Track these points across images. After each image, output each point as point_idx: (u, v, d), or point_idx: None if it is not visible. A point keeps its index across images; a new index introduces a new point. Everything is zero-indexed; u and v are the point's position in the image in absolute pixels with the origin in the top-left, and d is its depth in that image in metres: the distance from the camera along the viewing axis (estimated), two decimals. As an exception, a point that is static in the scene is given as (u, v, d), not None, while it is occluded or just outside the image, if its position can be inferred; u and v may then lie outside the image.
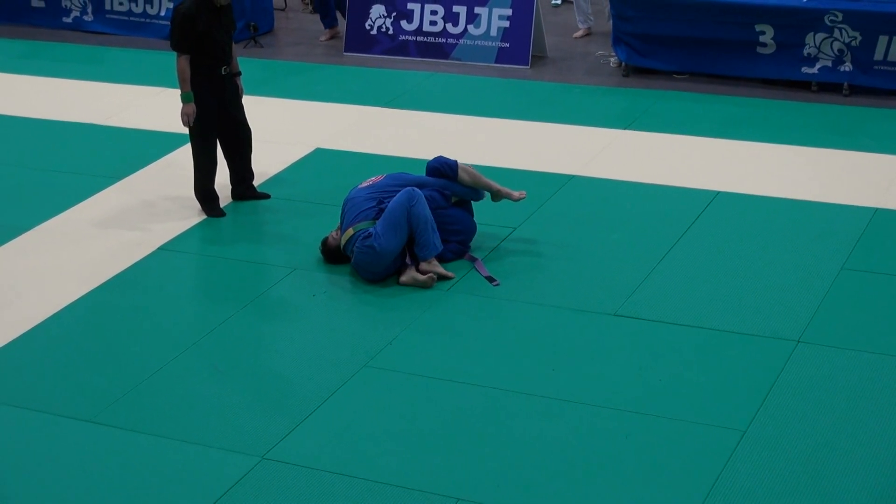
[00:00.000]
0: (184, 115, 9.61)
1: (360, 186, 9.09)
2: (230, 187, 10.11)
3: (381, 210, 8.79)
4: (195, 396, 7.57)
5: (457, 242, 9.02)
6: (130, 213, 9.97)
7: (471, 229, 9.13)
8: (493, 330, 8.17)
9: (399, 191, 8.82)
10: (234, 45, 9.83)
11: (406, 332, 8.13)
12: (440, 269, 8.71)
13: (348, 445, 7.04)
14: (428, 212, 8.72)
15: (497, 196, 9.23)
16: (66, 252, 9.40)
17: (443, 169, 9.08)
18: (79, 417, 7.39)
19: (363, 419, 7.27)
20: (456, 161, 9.13)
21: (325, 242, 9.07)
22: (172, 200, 10.16)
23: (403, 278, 8.66)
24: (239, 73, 9.87)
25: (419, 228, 8.68)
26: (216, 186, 9.94)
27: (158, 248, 9.38)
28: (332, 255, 9.02)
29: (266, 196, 10.10)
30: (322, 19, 14.35)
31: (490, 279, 8.68)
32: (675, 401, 7.28)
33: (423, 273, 8.66)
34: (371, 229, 8.70)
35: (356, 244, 8.71)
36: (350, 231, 8.79)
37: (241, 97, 9.87)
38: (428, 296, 8.53)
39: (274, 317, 8.52)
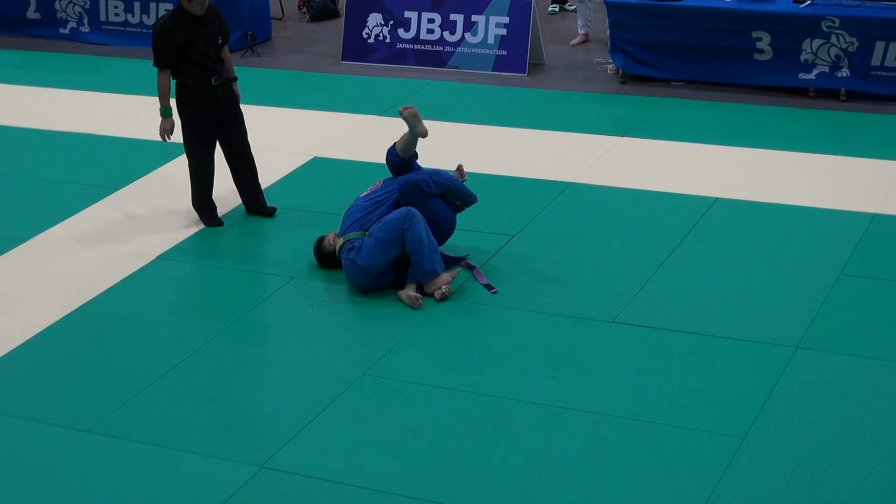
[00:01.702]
0: (161, 130, 9.60)
1: (361, 195, 9.08)
2: (238, 197, 10.04)
3: (370, 219, 8.77)
4: (194, 406, 7.56)
5: (439, 231, 8.92)
6: (128, 224, 9.97)
7: (451, 220, 9.00)
8: (492, 338, 8.16)
9: (392, 193, 8.85)
10: (228, 52, 9.79)
11: (404, 341, 8.12)
12: (442, 284, 8.57)
13: (347, 454, 7.03)
14: (424, 233, 8.60)
15: (410, 137, 9.00)
16: (63, 262, 9.39)
17: (392, 167, 9.14)
18: (77, 427, 7.37)
19: (362, 428, 7.26)
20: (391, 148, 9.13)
21: (319, 243, 9.03)
22: (170, 210, 10.15)
23: (399, 293, 8.62)
24: (235, 79, 9.84)
25: (414, 252, 8.58)
26: (215, 196, 9.91)
27: (156, 258, 9.37)
28: (325, 258, 8.99)
29: (273, 211, 9.99)
30: None
31: (488, 287, 8.66)
32: (674, 407, 7.27)
33: (427, 293, 8.60)
34: (357, 242, 8.67)
35: (343, 255, 8.71)
36: (341, 240, 8.80)
37: (237, 104, 9.80)
38: (426, 304, 8.52)
39: (272, 325, 8.52)
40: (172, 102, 9.66)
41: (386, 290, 8.72)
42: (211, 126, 9.64)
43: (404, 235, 8.58)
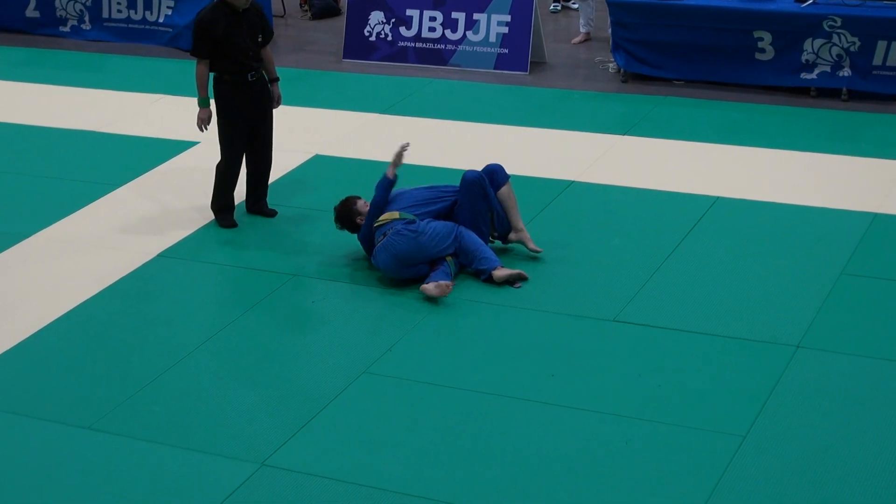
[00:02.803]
0: (199, 120, 9.59)
1: (416, 187, 9.08)
2: (245, 195, 10.02)
3: (423, 211, 8.83)
4: (194, 403, 7.56)
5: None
6: (129, 221, 9.97)
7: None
8: (492, 336, 8.16)
9: (453, 194, 8.94)
10: (270, 53, 9.78)
11: (405, 339, 8.13)
12: (513, 270, 8.68)
13: (348, 452, 7.03)
14: (474, 235, 8.77)
15: (517, 234, 9.04)
16: (65, 259, 9.39)
17: (494, 174, 9.03)
18: (78, 424, 7.38)
19: (363, 426, 7.26)
20: (507, 176, 9.06)
21: (351, 203, 8.99)
22: (172, 208, 10.15)
23: (423, 285, 8.60)
24: (276, 80, 9.83)
25: (470, 249, 8.69)
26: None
27: (157, 256, 9.37)
28: (344, 216, 8.97)
29: (273, 213, 9.98)
30: None
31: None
32: (674, 406, 7.27)
33: (499, 277, 8.62)
34: (418, 222, 8.68)
35: (396, 227, 8.68)
36: (396, 214, 8.77)
37: (271, 105, 9.75)
38: (427, 302, 8.52)
39: (273, 323, 8.51)
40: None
41: (387, 289, 8.71)
42: (241, 124, 9.61)
43: (462, 233, 8.70)
